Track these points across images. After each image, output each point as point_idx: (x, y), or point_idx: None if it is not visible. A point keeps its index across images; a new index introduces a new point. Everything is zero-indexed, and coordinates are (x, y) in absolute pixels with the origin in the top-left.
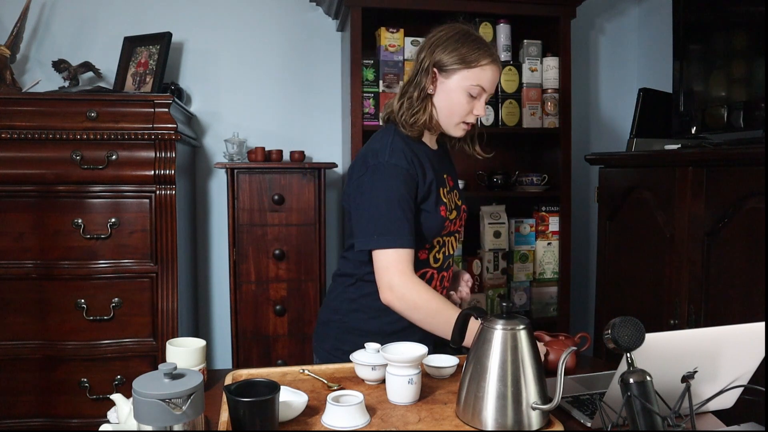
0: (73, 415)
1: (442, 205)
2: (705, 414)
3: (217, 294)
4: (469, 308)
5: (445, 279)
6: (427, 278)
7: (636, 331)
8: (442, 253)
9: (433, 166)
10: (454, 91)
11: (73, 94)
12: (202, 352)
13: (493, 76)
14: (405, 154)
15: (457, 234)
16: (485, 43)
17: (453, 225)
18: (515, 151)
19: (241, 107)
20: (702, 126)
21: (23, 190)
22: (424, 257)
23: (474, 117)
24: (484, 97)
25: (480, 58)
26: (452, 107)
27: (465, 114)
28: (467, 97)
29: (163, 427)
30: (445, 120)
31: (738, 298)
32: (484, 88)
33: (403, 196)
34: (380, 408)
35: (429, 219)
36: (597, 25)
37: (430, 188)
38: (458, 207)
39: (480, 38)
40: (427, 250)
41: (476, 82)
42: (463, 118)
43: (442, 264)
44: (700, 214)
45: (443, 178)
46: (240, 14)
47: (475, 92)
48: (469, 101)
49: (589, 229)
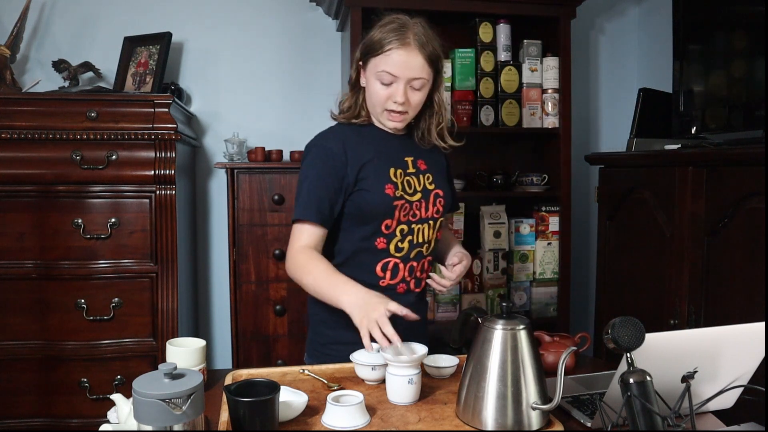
0: (73, 415)
1: (388, 184)
2: (705, 414)
3: (217, 294)
4: (469, 308)
5: (417, 269)
6: (390, 267)
7: (636, 331)
8: (408, 242)
9: (382, 147)
10: (369, 81)
11: (73, 94)
12: (202, 352)
13: (400, 60)
14: (337, 136)
15: (431, 222)
16: (399, 29)
17: (419, 210)
18: (515, 151)
19: (241, 107)
20: (702, 126)
21: (23, 190)
22: (383, 246)
23: (395, 104)
24: (401, 82)
25: (385, 45)
26: (371, 96)
27: (383, 102)
28: (380, 84)
29: (163, 427)
30: (371, 109)
31: (738, 298)
32: (393, 74)
33: (321, 174)
34: (380, 408)
35: (368, 196)
36: (597, 25)
37: (365, 166)
38: (428, 191)
39: (397, 25)
40: (385, 238)
41: (382, 68)
42: (384, 106)
43: (409, 253)
44: (700, 214)
45: (402, 161)
46: (240, 14)
47: (386, 79)
48: (384, 88)
49: (589, 229)
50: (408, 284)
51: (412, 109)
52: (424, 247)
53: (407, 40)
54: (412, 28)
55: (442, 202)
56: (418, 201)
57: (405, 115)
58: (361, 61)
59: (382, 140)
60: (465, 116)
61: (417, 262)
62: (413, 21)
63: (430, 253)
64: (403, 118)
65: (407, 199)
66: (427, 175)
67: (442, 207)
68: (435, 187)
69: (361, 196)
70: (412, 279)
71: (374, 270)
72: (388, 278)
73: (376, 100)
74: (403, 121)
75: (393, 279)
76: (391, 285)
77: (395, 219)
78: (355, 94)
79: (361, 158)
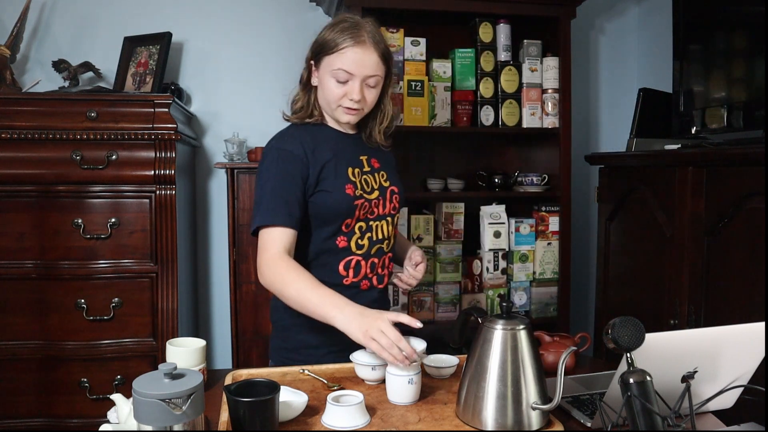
0: (73, 415)
1: (348, 184)
2: (705, 414)
3: (217, 294)
4: (469, 308)
5: (378, 265)
6: (353, 265)
7: (636, 331)
8: (368, 239)
9: (338, 147)
10: (323, 79)
11: (73, 94)
12: (202, 352)
13: (356, 58)
14: (295, 138)
15: (389, 218)
16: (352, 28)
17: (377, 207)
18: (515, 151)
19: (241, 107)
20: (702, 126)
21: (23, 190)
22: (344, 245)
23: (350, 101)
24: (356, 80)
25: (339, 43)
26: (325, 94)
27: (338, 99)
28: (335, 82)
29: (163, 427)
30: (326, 106)
31: (738, 298)
32: (349, 72)
33: (284, 176)
34: (380, 408)
35: (329, 198)
36: (597, 25)
37: (325, 167)
38: (384, 188)
39: (350, 24)
40: (345, 236)
41: (338, 66)
42: (339, 103)
43: (369, 250)
44: (700, 214)
45: (358, 160)
46: (240, 14)
47: (342, 77)
48: (339, 86)
49: (589, 229)
50: (371, 281)
51: (367, 106)
52: (384, 244)
53: (362, 38)
54: (365, 27)
55: (398, 198)
56: (376, 199)
57: (360, 111)
58: (312, 60)
59: (337, 140)
60: (465, 116)
61: (378, 259)
62: (365, 20)
63: (390, 249)
64: (357, 113)
65: (366, 197)
66: (382, 173)
67: (398, 203)
68: (390, 185)
69: (322, 197)
70: (374, 276)
71: (337, 269)
72: (351, 276)
73: (331, 98)
74: (358, 116)
75: (356, 277)
76: (354, 283)
77: (354, 217)
78: (307, 94)
79: (320, 159)
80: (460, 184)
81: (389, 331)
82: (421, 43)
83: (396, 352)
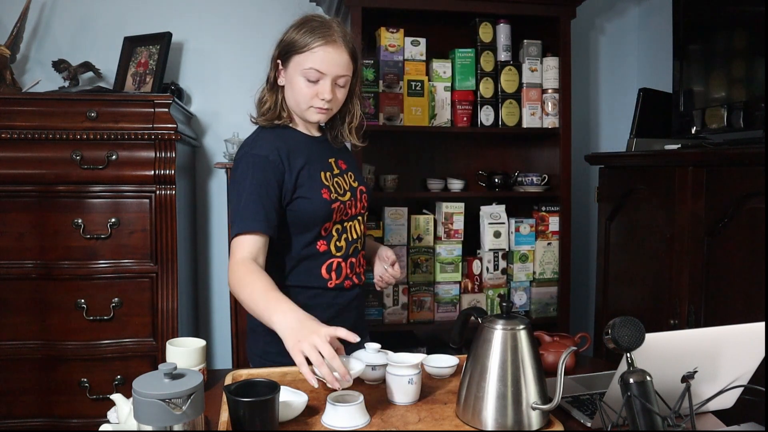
0: (73, 415)
1: (323, 188)
2: (705, 414)
3: (217, 294)
4: (469, 308)
5: (356, 264)
6: (334, 268)
7: (636, 331)
8: (345, 240)
9: (309, 152)
10: (293, 78)
11: (73, 94)
12: (202, 352)
13: (327, 57)
14: (269, 143)
15: (360, 217)
16: (322, 27)
17: (350, 209)
18: (515, 151)
19: (241, 107)
20: (702, 126)
21: (23, 190)
22: (325, 248)
23: (321, 101)
24: (327, 79)
25: (310, 42)
26: (295, 94)
27: (309, 98)
28: (305, 81)
29: (163, 427)
30: (295, 107)
31: (738, 298)
32: (321, 71)
33: (261, 183)
34: (380, 408)
35: (308, 204)
36: (597, 25)
37: (301, 174)
38: (354, 188)
39: (319, 23)
40: (324, 240)
41: (309, 65)
42: (310, 103)
43: (347, 251)
44: (700, 214)
45: (327, 163)
46: (240, 14)
47: (313, 76)
48: (309, 85)
49: (589, 229)
50: (352, 280)
51: (336, 105)
52: (359, 243)
53: (333, 38)
54: (335, 26)
55: (366, 197)
56: (349, 200)
57: (330, 111)
58: (279, 59)
59: (307, 144)
60: (465, 116)
61: (355, 258)
62: (332, 19)
63: (363, 247)
64: (327, 113)
65: (341, 200)
66: (349, 173)
67: (366, 202)
68: (358, 184)
69: (301, 204)
70: (354, 275)
71: (320, 273)
72: (335, 279)
73: (301, 98)
74: (327, 116)
75: (338, 278)
76: (338, 285)
77: (332, 221)
78: (275, 94)
79: (295, 165)
80: (460, 184)
81: (323, 347)
82: (421, 43)
83: (326, 372)
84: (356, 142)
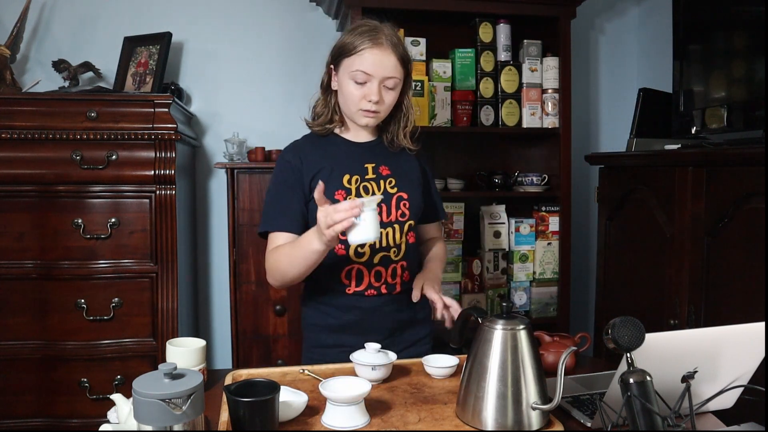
0: (73, 415)
1: (340, 190)
2: (705, 414)
3: (217, 294)
4: (469, 308)
5: (386, 275)
6: (354, 274)
7: (636, 331)
8: (369, 247)
9: (341, 156)
10: (343, 82)
11: (73, 94)
12: (202, 352)
13: (374, 59)
14: (296, 148)
15: (397, 225)
16: (370, 31)
17: (381, 215)
18: (515, 151)
19: (241, 107)
20: (702, 126)
21: (23, 190)
22: (343, 253)
23: (369, 103)
24: (375, 81)
25: (358, 45)
26: (344, 97)
27: (357, 101)
28: (354, 84)
29: (163, 427)
30: (345, 110)
31: (738, 298)
32: (368, 73)
33: (283, 184)
34: (380, 408)
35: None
36: (597, 25)
37: (316, 176)
38: (389, 195)
39: (368, 28)
40: (342, 244)
41: (356, 67)
42: (359, 106)
43: (371, 258)
44: (700, 214)
45: (362, 168)
46: (240, 14)
47: (360, 78)
48: (358, 88)
49: (589, 229)
50: (378, 290)
51: (385, 108)
52: (392, 252)
53: (380, 40)
54: (384, 30)
55: (407, 205)
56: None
57: (378, 114)
58: (332, 64)
59: (342, 149)
60: (465, 116)
61: (384, 268)
62: (383, 24)
63: (403, 257)
64: (376, 116)
65: None
66: (390, 180)
67: (408, 210)
68: (398, 191)
69: (312, 205)
70: (382, 284)
71: (339, 278)
72: (354, 285)
73: (351, 100)
74: (376, 119)
75: (359, 286)
76: (357, 291)
77: None
78: (327, 98)
79: (313, 168)
80: (460, 184)
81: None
82: (421, 43)
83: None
84: (409, 145)
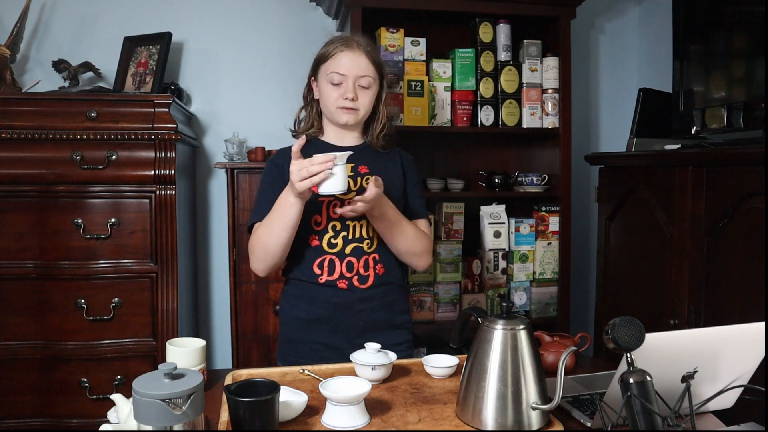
0: (73, 415)
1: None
2: (705, 414)
3: (217, 294)
4: (469, 308)
5: (357, 266)
6: (326, 265)
7: (636, 331)
8: (342, 238)
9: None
10: (321, 86)
11: (73, 94)
12: (202, 352)
13: (347, 60)
14: (284, 152)
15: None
16: (342, 38)
17: None
18: (515, 151)
19: (241, 107)
20: (702, 126)
21: (23, 190)
22: (317, 243)
23: (346, 101)
24: (349, 81)
25: (332, 51)
26: (324, 99)
27: (335, 101)
28: (331, 86)
29: (163, 427)
30: (326, 112)
31: (738, 298)
32: (341, 73)
33: (270, 182)
34: (380, 408)
35: None
36: (597, 25)
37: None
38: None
39: (341, 36)
40: (317, 234)
41: (331, 70)
42: (336, 104)
43: (343, 249)
44: (700, 214)
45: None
46: (240, 14)
47: (336, 79)
48: (334, 89)
49: (589, 229)
50: (350, 281)
51: (363, 107)
52: (365, 243)
53: (352, 44)
54: (355, 38)
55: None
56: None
57: (356, 112)
58: (312, 76)
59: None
60: (465, 116)
61: (357, 259)
62: (356, 35)
63: (375, 250)
64: (354, 114)
65: (338, 196)
66: (366, 177)
67: None
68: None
69: None
70: (354, 276)
71: (311, 267)
72: (326, 275)
73: (329, 101)
74: (356, 116)
75: (330, 275)
76: (329, 281)
77: (324, 215)
78: (309, 108)
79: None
80: (460, 184)
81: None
82: (421, 43)
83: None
84: (378, 145)
